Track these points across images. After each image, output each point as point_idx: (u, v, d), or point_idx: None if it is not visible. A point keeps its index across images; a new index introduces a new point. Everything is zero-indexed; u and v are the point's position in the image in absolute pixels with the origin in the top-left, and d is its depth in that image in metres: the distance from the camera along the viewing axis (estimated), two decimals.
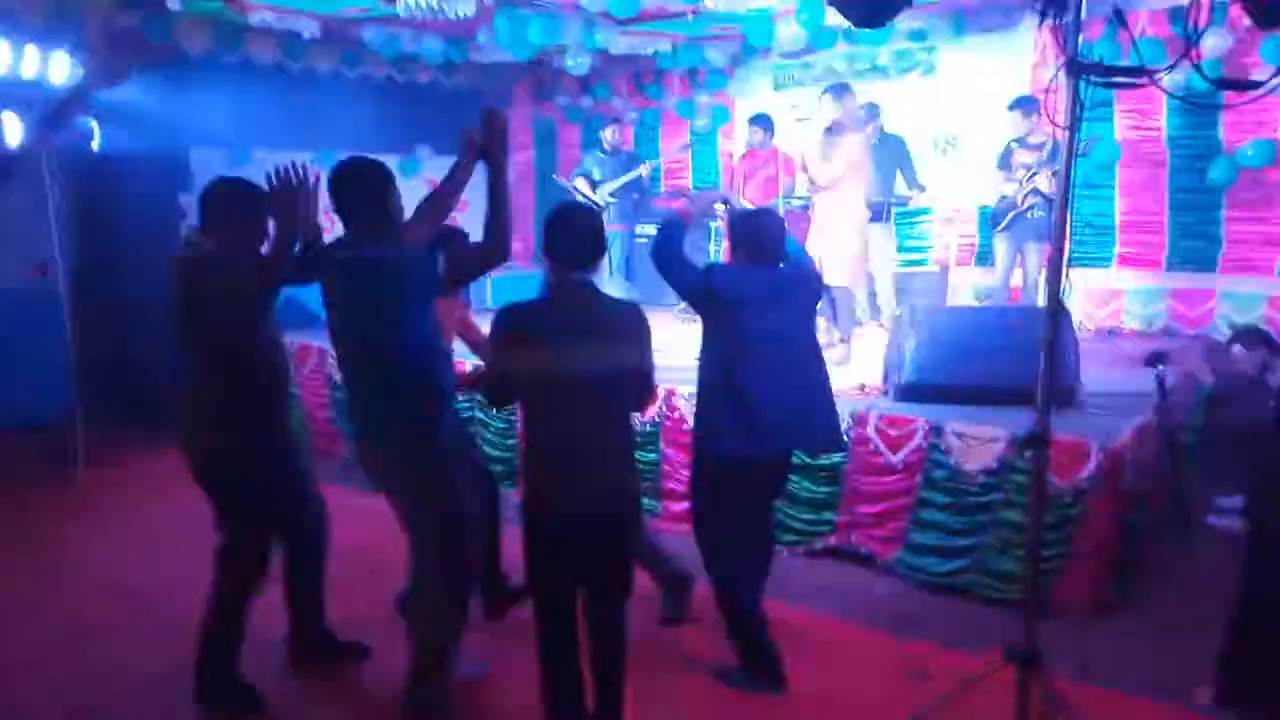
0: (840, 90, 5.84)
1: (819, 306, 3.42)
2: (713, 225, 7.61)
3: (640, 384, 2.76)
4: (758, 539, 3.34)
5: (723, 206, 5.10)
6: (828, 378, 3.26)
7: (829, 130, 5.69)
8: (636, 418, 3.21)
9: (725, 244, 3.29)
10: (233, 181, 3.10)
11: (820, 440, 3.34)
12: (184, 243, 3.12)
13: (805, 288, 3.28)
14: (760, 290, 3.09)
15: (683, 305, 6.75)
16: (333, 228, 2.87)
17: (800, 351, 3.17)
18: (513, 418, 5.26)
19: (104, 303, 6.44)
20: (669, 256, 3.16)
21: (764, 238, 3.17)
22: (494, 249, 2.84)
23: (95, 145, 6.19)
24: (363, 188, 2.78)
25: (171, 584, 4.01)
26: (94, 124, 6.17)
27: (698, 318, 3.32)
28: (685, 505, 4.53)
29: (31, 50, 5.54)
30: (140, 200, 6.50)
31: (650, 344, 2.75)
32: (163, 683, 3.25)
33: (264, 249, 3.03)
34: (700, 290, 3.11)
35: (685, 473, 4.55)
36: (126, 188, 6.54)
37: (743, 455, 3.06)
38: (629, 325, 2.70)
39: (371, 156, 2.84)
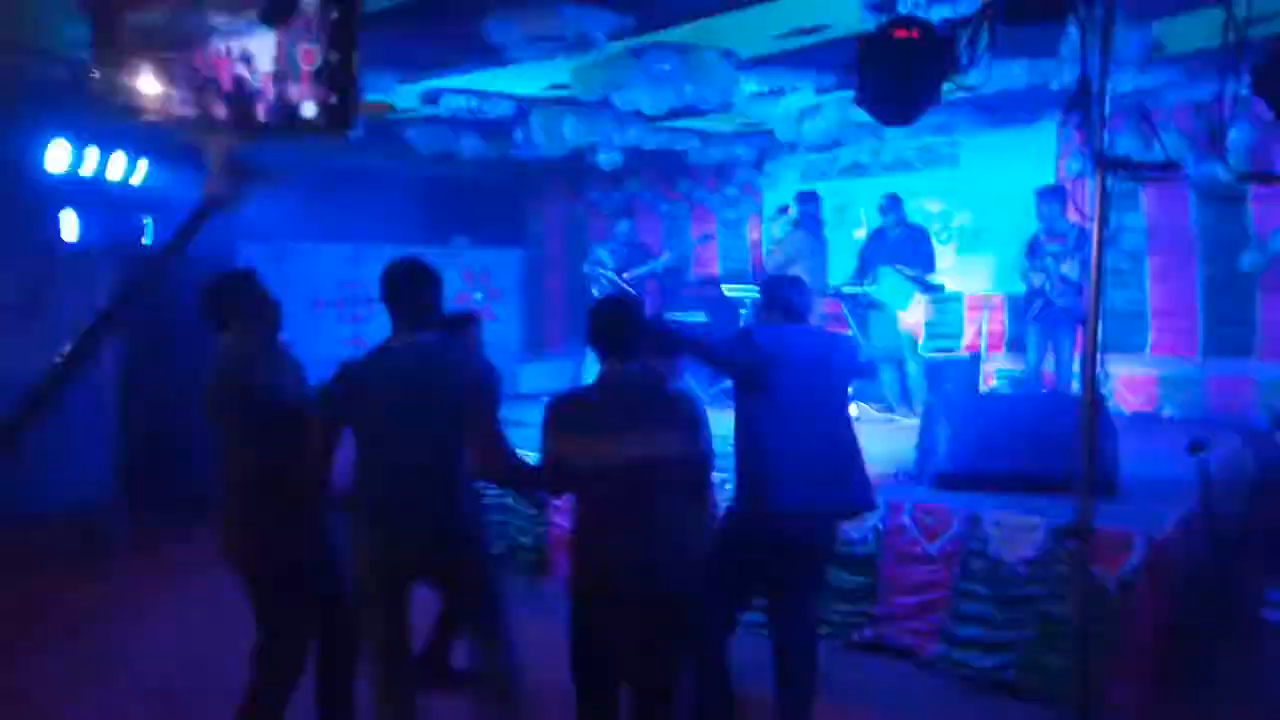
0: (804, 197, 7.03)
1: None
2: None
3: (697, 472, 2.74)
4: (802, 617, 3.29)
5: None
6: (856, 439, 3.32)
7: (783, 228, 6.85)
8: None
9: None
10: (233, 274, 3.23)
11: (858, 500, 3.32)
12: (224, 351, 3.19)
13: (841, 352, 3.40)
14: (801, 347, 3.21)
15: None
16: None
17: (834, 412, 3.28)
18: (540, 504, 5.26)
19: (151, 391, 6.58)
20: (709, 347, 3.28)
21: (795, 298, 3.32)
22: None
23: (146, 240, 6.44)
24: (422, 286, 2.87)
25: (214, 681, 3.97)
26: (146, 219, 6.44)
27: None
28: None
29: (92, 150, 5.84)
30: (188, 292, 6.70)
31: (706, 431, 2.74)
32: None
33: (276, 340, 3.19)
34: (749, 355, 3.15)
35: None
36: (175, 279, 6.75)
37: (784, 514, 3.06)
38: (679, 413, 2.71)
39: (419, 255, 2.96)
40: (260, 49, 1.73)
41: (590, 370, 2.81)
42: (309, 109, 1.73)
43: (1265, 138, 5.95)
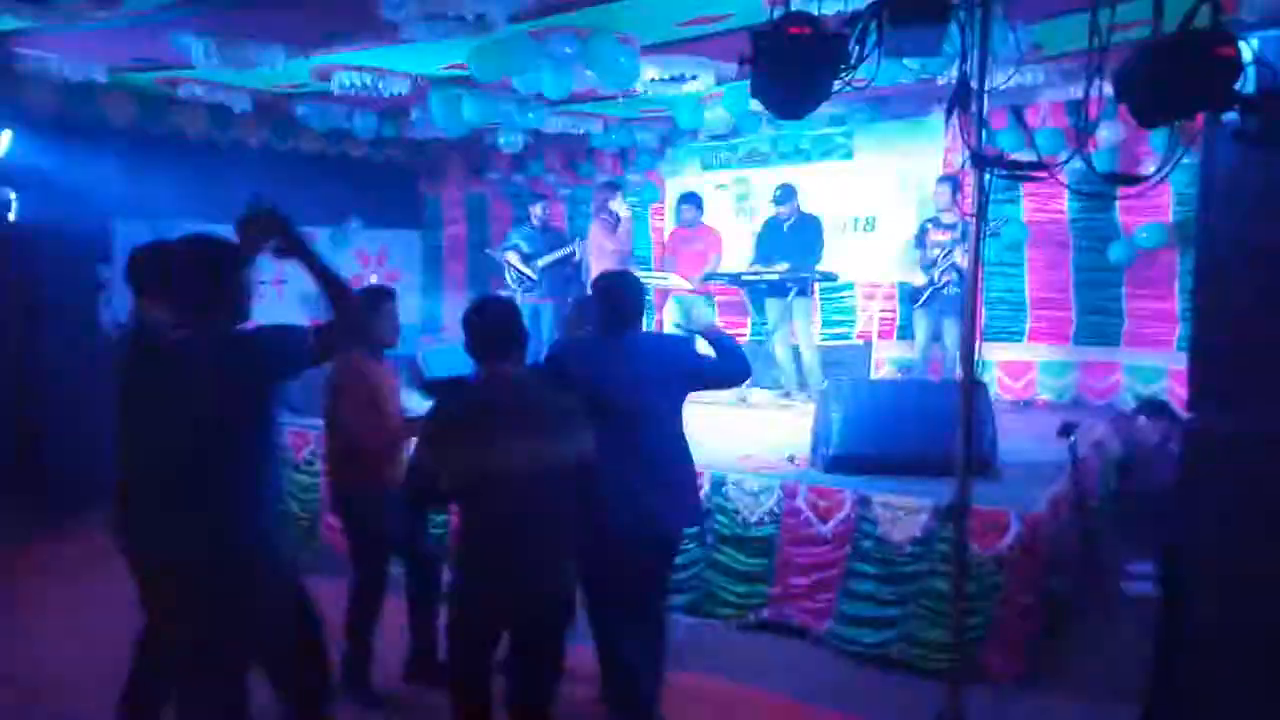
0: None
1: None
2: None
3: (585, 471, 2.71)
4: (645, 624, 3.18)
5: None
6: (685, 452, 3.16)
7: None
8: None
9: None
10: (160, 245, 3.02)
11: (681, 524, 3.22)
12: (129, 321, 3.00)
13: (670, 358, 3.13)
14: (611, 361, 2.99)
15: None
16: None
17: (661, 427, 3.04)
18: None
19: (13, 376, 6.20)
20: None
21: (618, 303, 3.07)
22: (338, 330, 2.57)
23: (10, 215, 6.05)
24: (191, 268, 2.48)
25: (72, 673, 3.80)
26: (11, 194, 6.04)
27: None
28: None
29: None
30: (58, 271, 6.34)
31: (585, 429, 2.72)
32: None
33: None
34: (551, 377, 2.97)
35: None
36: (43, 258, 6.37)
37: (602, 545, 2.91)
38: (565, 413, 2.70)
39: (215, 234, 2.55)
40: None
41: None
42: None
43: (1133, 137, 6.30)
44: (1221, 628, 2.92)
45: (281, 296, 6.70)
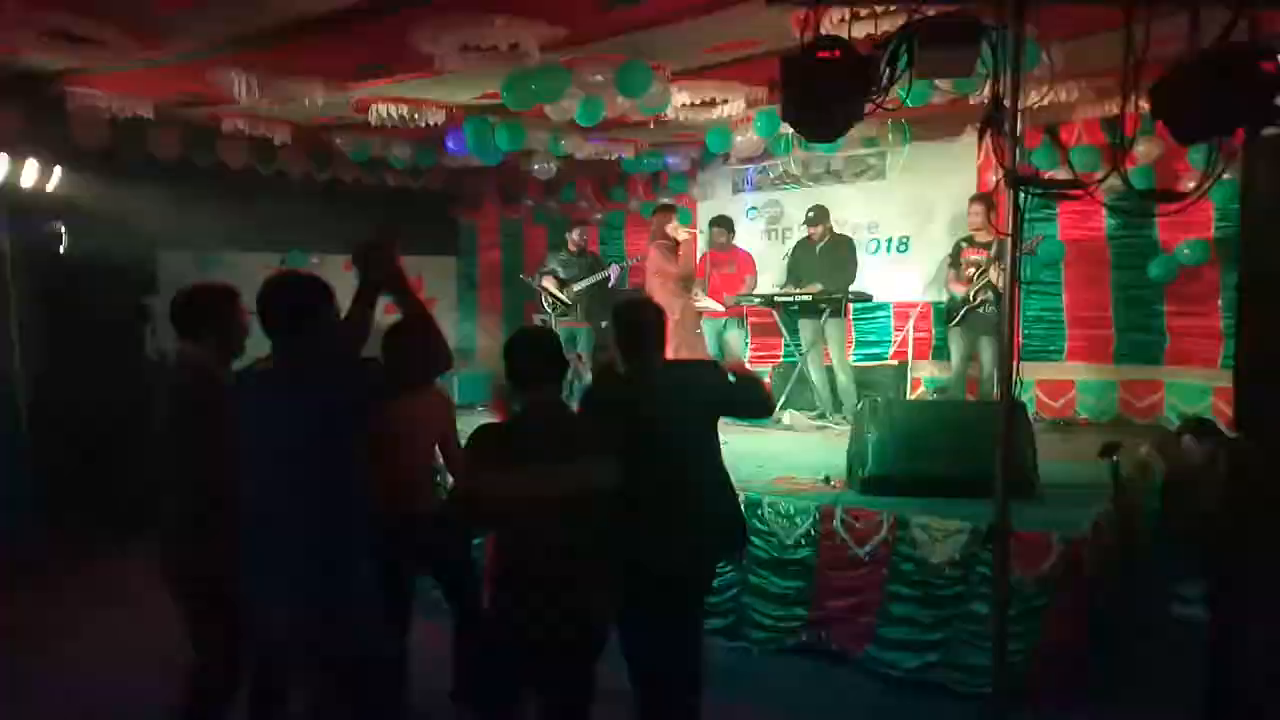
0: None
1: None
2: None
3: (611, 499, 2.70)
4: (682, 649, 3.13)
5: None
6: (721, 475, 3.14)
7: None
8: None
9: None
10: (214, 288, 3.12)
11: (710, 557, 3.19)
12: (171, 355, 3.10)
13: (691, 385, 3.12)
14: (639, 400, 2.98)
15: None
16: None
17: (695, 457, 3.03)
18: None
19: (67, 405, 6.35)
20: None
21: (629, 329, 3.09)
22: (415, 364, 2.66)
23: (61, 248, 6.21)
24: (285, 305, 2.58)
25: (128, 696, 3.86)
26: (61, 227, 6.21)
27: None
28: None
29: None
30: (106, 303, 6.50)
31: (615, 458, 2.72)
32: None
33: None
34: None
35: None
36: (92, 290, 6.53)
37: (639, 576, 2.88)
38: (602, 440, 2.73)
39: (305, 273, 2.69)
40: None
41: None
42: None
43: (1171, 152, 6.22)
44: (1275, 650, 2.86)
45: None
